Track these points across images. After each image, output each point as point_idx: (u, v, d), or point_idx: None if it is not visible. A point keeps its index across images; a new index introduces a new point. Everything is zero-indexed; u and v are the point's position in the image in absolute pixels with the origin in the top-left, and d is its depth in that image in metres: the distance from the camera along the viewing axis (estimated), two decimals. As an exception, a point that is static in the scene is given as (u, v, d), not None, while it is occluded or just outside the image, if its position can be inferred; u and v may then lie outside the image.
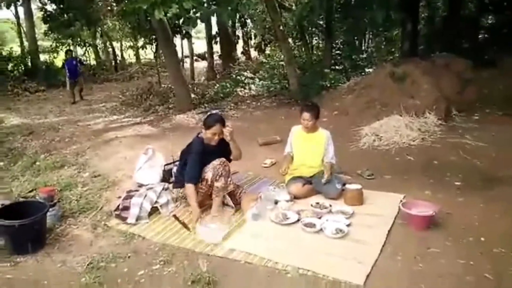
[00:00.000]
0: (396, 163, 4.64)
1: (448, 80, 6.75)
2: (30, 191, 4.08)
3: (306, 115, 3.74)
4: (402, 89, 6.56)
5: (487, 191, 3.66)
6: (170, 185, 3.97)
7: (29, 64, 14.88)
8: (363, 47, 13.34)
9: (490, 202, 3.43)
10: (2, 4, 7.62)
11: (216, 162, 3.41)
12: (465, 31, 9.44)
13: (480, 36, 10.04)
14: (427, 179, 4.07)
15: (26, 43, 15.81)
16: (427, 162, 4.54)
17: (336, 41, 12.14)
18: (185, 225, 3.28)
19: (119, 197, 3.72)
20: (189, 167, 3.40)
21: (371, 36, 13.41)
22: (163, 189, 3.68)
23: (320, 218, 3.26)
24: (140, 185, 3.91)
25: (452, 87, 6.66)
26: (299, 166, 3.89)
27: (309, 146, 3.87)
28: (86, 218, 3.50)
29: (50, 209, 3.26)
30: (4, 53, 14.59)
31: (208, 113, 3.64)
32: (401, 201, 3.45)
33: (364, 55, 11.87)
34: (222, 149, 3.53)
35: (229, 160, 3.58)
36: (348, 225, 3.13)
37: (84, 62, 11.69)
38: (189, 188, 3.37)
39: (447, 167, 4.33)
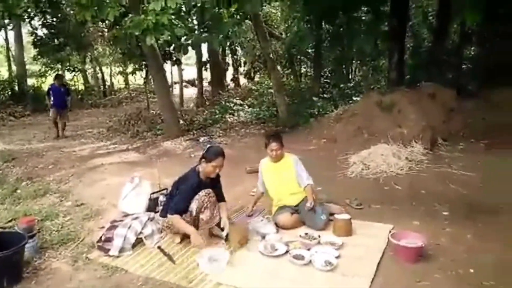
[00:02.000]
0: (384, 192, 4.63)
1: (434, 109, 6.88)
2: (9, 221, 3.93)
3: (274, 145, 3.74)
4: (389, 118, 6.65)
5: (474, 221, 3.64)
6: (156, 215, 3.88)
7: (16, 88, 14.78)
8: (350, 76, 13.66)
9: (478, 232, 3.41)
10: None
11: (201, 193, 3.34)
12: (450, 62, 9.73)
13: (463, 67, 10.36)
14: (415, 209, 4.05)
15: (14, 68, 15.75)
16: (415, 192, 4.54)
17: (325, 70, 12.43)
18: (170, 257, 3.17)
19: (102, 227, 3.61)
20: (179, 199, 3.32)
21: (358, 65, 13.74)
22: (148, 219, 3.59)
23: (309, 249, 3.20)
24: (125, 215, 3.81)
25: (437, 116, 6.78)
26: (280, 197, 3.86)
27: (280, 175, 3.85)
28: (66, 250, 3.38)
29: (29, 241, 3.13)
30: (-10, 78, 14.49)
31: (208, 146, 3.55)
32: (390, 231, 3.41)
33: (352, 84, 12.12)
34: (215, 185, 3.50)
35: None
36: (337, 257, 3.06)
37: (71, 94, 9.93)
38: (175, 218, 3.28)
39: (434, 196, 4.33)
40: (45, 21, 12.87)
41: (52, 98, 8.87)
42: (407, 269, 2.91)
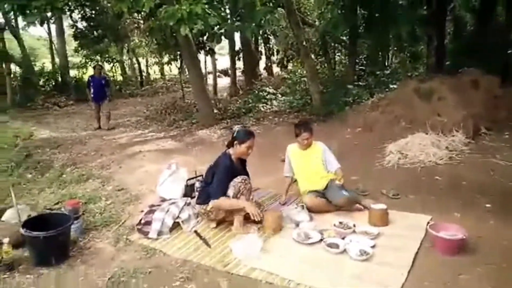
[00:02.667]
0: (422, 182, 4.49)
1: (476, 97, 6.54)
2: (56, 203, 4.18)
3: (305, 134, 3.89)
4: (428, 106, 6.40)
5: (519, 214, 3.48)
6: (193, 200, 3.98)
7: (59, 79, 15.48)
8: (387, 63, 13.22)
9: (523, 226, 3.25)
10: (36, 22, 7.99)
11: (237, 179, 3.39)
12: (494, 46, 9.19)
13: (509, 52, 9.76)
14: (455, 200, 3.90)
15: (57, 59, 16.49)
16: (455, 183, 4.37)
17: (360, 57, 12.10)
18: (206, 242, 3.26)
19: (142, 211, 3.75)
20: (217, 185, 3.34)
21: (395, 51, 13.27)
22: (185, 204, 3.69)
23: (343, 238, 3.18)
24: (163, 200, 3.94)
25: (480, 104, 6.44)
26: (308, 181, 3.94)
27: (309, 161, 3.97)
28: (109, 231, 3.54)
29: (74, 222, 3.32)
30: (36, 69, 15.22)
31: (237, 129, 3.60)
32: (428, 223, 3.31)
33: (389, 71, 11.74)
34: (244, 168, 3.56)
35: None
36: (372, 247, 3.03)
37: (110, 85, 9.58)
38: (221, 199, 3.30)
39: (476, 188, 4.15)
40: (84, 14, 13.34)
41: (92, 91, 8.69)
42: (447, 261, 2.83)
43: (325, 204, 3.78)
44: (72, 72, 16.98)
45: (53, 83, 15.36)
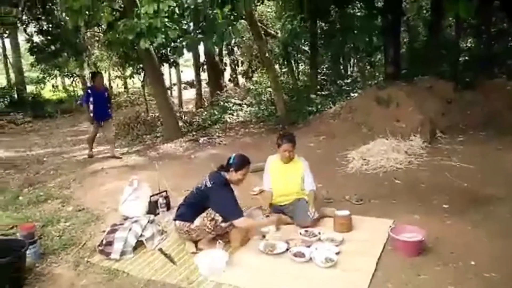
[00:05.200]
0: (384, 187, 4.64)
1: (432, 102, 6.88)
2: (11, 228, 3.94)
3: (288, 146, 3.71)
4: (387, 112, 6.66)
5: (474, 213, 3.65)
6: (156, 217, 3.90)
7: (15, 95, 14.81)
8: (348, 72, 13.64)
9: (478, 224, 3.42)
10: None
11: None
12: (446, 55, 9.73)
13: (460, 59, 10.35)
14: (415, 202, 4.05)
15: (12, 75, 15.78)
16: (415, 185, 4.55)
17: (322, 67, 12.41)
18: (171, 259, 3.18)
19: (103, 231, 3.62)
20: (231, 205, 3.22)
21: (355, 61, 13.73)
22: (148, 221, 3.59)
23: (309, 246, 3.20)
24: (126, 218, 3.83)
25: (436, 109, 6.78)
26: (276, 197, 3.85)
27: (287, 177, 3.82)
28: (68, 255, 3.38)
29: (30, 247, 3.14)
30: (-11, 86, 14.54)
31: (234, 154, 3.44)
32: (390, 226, 3.41)
33: (349, 80, 12.11)
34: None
35: None
36: (337, 253, 3.07)
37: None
38: (244, 221, 3.25)
39: (434, 189, 4.33)
40: (40, 28, 12.90)
41: (92, 107, 6.57)
42: (407, 263, 2.92)
43: (289, 221, 3.73)
44: (29, 88, 16.28)
45: (9, 100, 14.66)
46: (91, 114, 6.65)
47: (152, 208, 4.05)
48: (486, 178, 4.51)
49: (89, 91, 6.75)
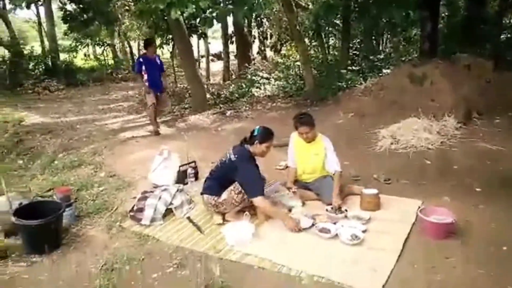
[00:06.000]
0: (414, 167, 4.53)
1: (469, 82, 6.57)
2: (48, 190, 4.14)
3: (304, 128, 3.63)
4: (420, 91, 6.42)
5: (508, 198, 3.53)
6: (185, 186, 3.99)
7: (49, 63, 15.18)
8: (381, 47, 13.15)
9: (511, 209, 3.31)
10: (23, 4, 7.74)
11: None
12: (487, 32, 9.18)
13: (502, 37, 9.75)
14: (446, 184, 3.95)
15: (46, 43, 16.13)
16: (446, 167, 4.42)
17: (353, 41, 12.01)
18: (198, 228, 3.28)
19: (134, 197, 3.75)
20: (254, 180, 3.24)
21: (389, 36, 13.19)
22: (177, 190, 3.69)
23: (335, 223, 3.21)
24: (155, 186, 3.94)
25: (472, 89, 6.47)
26: (301, 174, 3.86)
27: (309, 155, 3.78)
28: (101, 218, 3.54)
29: (66, 209, 3.30)
30: (25, 52, 14.90)
31: (257, 127, 3.43)
32: (419, 207, 3.36)
33: (382, 56, 11.68)
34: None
35: None
36: (364, 231, 3.07)
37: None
38: (262, 201, 3.19)
39: (467, 172, 4.20)
40: (72, -4, 12.98)
41: (146, 76, 6.32)
42: (436, 245, 2.88)
43: (315, 197, 3.74)
44: (62, 56, 16.63)
45: (43, 67, 15.05)
46: (146, 84, 6.38)
47: (181, 178, 4.14)
48: (523, 162, 4.33)
49: (140, 59, 6.56)
